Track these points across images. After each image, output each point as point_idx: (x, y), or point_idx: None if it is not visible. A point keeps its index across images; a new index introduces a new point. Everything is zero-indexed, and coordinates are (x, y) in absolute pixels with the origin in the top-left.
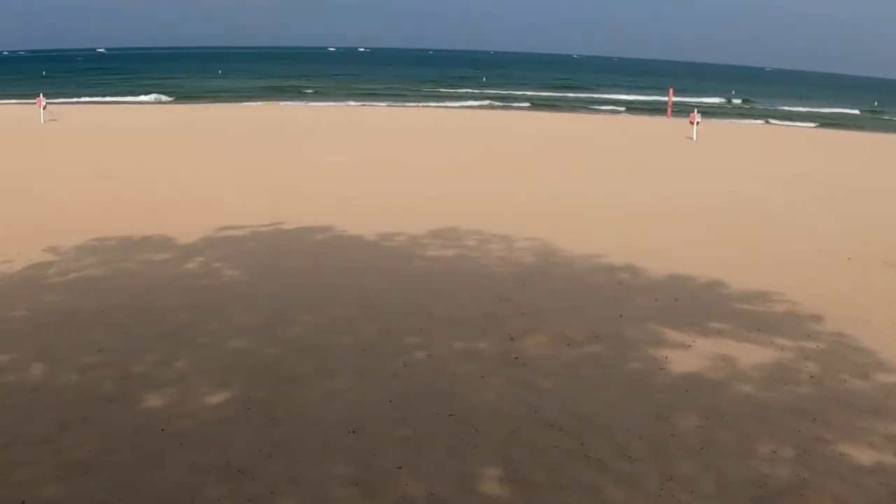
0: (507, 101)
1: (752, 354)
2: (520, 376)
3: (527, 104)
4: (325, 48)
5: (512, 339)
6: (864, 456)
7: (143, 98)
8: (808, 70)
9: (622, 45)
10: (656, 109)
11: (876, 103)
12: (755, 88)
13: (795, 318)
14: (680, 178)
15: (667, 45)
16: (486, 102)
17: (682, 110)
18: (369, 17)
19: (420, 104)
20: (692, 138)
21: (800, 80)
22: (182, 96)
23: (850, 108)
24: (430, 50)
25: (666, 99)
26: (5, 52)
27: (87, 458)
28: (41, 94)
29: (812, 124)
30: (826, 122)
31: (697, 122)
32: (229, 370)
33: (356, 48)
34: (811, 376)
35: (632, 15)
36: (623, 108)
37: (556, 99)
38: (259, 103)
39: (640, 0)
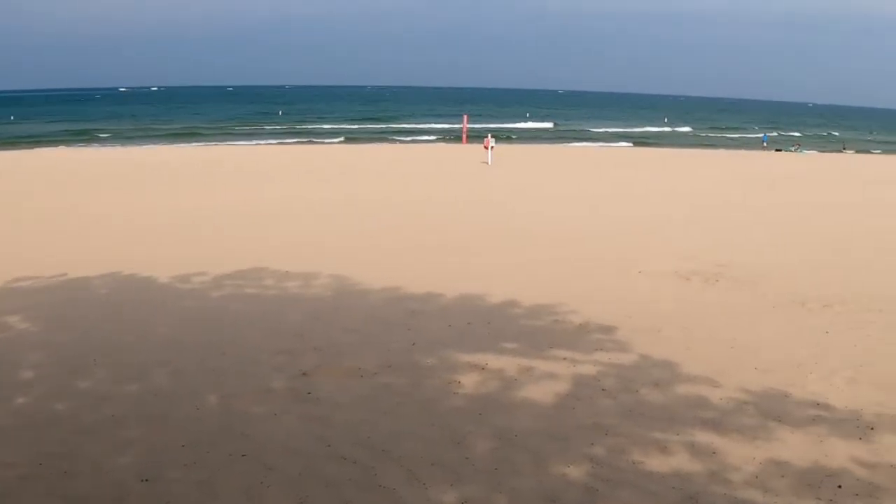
0: (311, 136)
1: (545, 372)
2: (313, 412)
3: (340, 139)
4: (116, 88)
5: (305, 374)
6: (657, 463)
7: None
8: (592, 91)
9: (410, 75)
10: (459, 137)
11: (666, 119)
12: (555, 112)
13: (587, 332)
14: (474, 203)
15: (462, 72)
16: (294, 140)
17: (480, 136)
18: (159, 55)
19: (223, 143)
20: (487, 163)
21: (591, 101)
22: None
23: (655, 126)
24: (229, 86)
25: (460, 126)
26: None
27: None
28: None
29: (627, 143)
30: (638, 140)
31: (492, 147)
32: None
33: (149, 87)
34: (604, 389)
35: (421, 45)
36: (433, 137)
37: (364, 131)
38: (59, 148)
39: (428, 29)
